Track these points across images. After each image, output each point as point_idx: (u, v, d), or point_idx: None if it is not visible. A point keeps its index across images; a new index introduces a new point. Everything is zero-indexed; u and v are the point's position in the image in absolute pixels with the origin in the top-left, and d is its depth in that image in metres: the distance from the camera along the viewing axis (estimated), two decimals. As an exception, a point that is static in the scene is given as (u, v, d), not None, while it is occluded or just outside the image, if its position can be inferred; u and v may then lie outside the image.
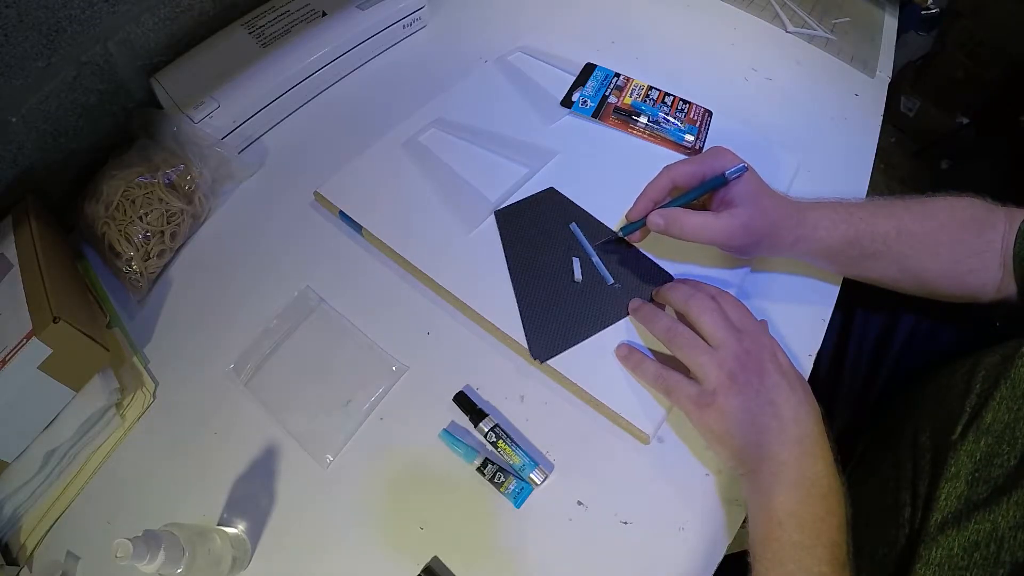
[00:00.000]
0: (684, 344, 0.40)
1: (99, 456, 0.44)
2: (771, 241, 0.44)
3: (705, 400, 0.38)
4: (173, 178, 0.52)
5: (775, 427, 0.36)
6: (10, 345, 0.40)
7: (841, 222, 0.44)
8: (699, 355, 0.39)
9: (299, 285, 0.51)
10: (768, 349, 0.39)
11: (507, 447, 0.42)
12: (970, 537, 0.32)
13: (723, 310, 0.41)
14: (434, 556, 0.39)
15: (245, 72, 0.59)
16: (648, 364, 0.42)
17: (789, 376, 0.38)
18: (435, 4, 0.72)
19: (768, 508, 0.35)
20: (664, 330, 0.42)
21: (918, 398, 0.45)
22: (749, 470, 0.37)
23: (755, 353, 0.38)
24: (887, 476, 0.41)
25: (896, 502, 0.38)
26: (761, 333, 0.40)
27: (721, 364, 0.38)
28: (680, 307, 0.42)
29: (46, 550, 0.41)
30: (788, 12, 0.76)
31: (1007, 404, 0.36)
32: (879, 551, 0.38)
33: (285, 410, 0.45)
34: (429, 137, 0.59)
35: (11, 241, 0.47)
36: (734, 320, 0.41)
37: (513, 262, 0.50)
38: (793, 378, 0.39)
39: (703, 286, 0.44)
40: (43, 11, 0.47)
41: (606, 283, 0.49)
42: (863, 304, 0.59)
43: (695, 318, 0.41)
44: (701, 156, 0.45)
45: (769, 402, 0.37)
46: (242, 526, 0.41)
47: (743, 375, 0.37)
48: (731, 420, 0.37)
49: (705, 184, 0.44)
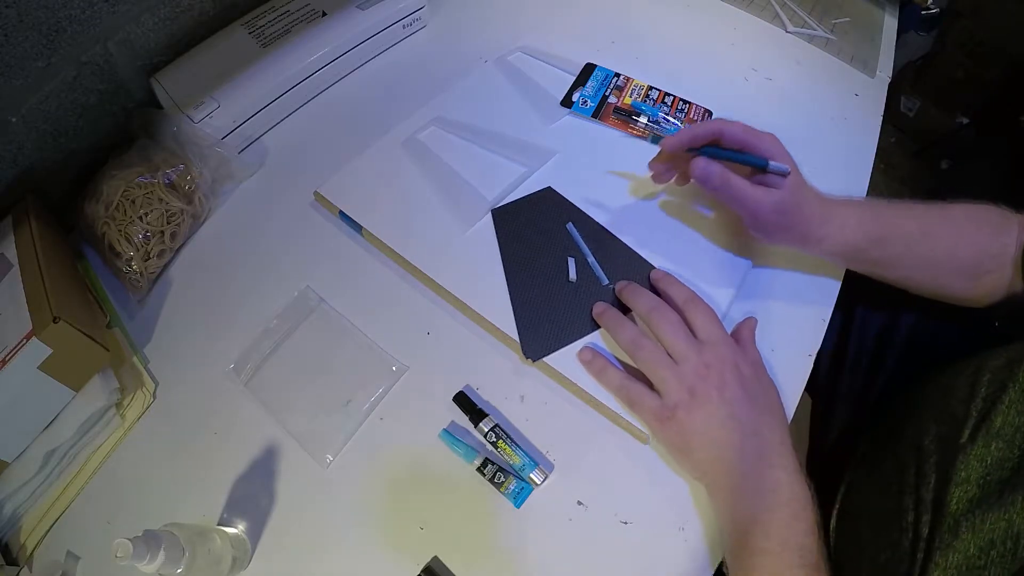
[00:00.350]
0: (647, 358, 0.41)
1: (99, 456, 0.44)
2: (798, 232, 0.45)
3: (665, 414, 0.39)
4: (173, 178, 0.52)
5: (734, 441, 0.37)
6: (10, 345, 0.40)
7: (868, 221, 0.45)
8: (660, 369, 0.40)
9: (299, 285, 0.51)
10: (730, 361, 0.40)
11: (507, 447, 0.42)
12: (986, 537, 0.32)
13: (685, 322, 0.42)
14: (434, 556, 0.39)
15: (245, 72, 0.59)
16: (612, 372, 0.42)
17: (751, 388, 0.39)
18: (435, 4, 0.72)
19: (733, 519, 0.36)
20: (628, 341, 0.42)
21: (919, 399, 0.45)
22: (711, 482, 0.38)
23: (716, 366, 0.39)
24: (889, 480, 0.41)
25: (899, 506, 0.38)
26: (723, 344, 0.40)
27: (681, 379, 0.39)
28: (643, 317, 0.43)
29: (46, 550, 0.41)
30: (788, 12, 0.76)
31: (1016, 408, 0.36)
32: (881, 556, 0.38)
33: (285, 410, 0.45)
34: (428, 135, 0.59)
35: (11, 241, 0.47)
36: (698, 331, 0.41)
37: (508, 260, 0.50)
38: (756, 389, 0.39)
39: (676, 291, 0.44)
40: (43, 11, 0.47)
41: (601, 284, 0.49)
42: (864, 303, 0.59)
43: (656, 330, 0.41)
44: (758, 132, 0.45)
45: (729, 416, 0.37)
46: (242, 526, 0.41)
47: (703, 390, 0.38)
48: (691, 435, 0.38)
49: (746, 156, 0.44)
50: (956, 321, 0.56)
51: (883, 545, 0.38)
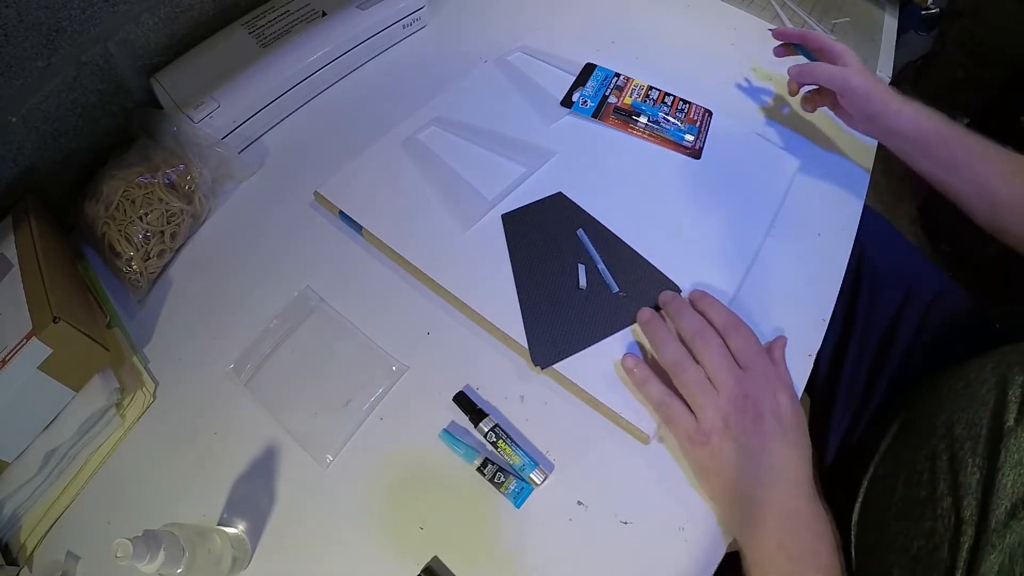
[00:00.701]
0: (688, 381, 0.41)
1: (99, 456, 0.44)
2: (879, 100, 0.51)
3: (699, 439, 0.39)
4: (173, 178, 0.52)
5: (761, 471, 0.37)
6: (10, 345, 0.40)
7: (936, 118, 0.50)
8: (700, 395, 0.40)
9: (299, 285, 0.51)
10: (770, 390, 0.40)
11: (507, 447, 0.42)
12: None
13: (728, 347, 0.41)
14: (434, 556, 0.39)
15: (245, 72, 0.59)
16: (653, 386, 0.42)
17: (785, 419, 0.39)
18: (435, 4, 0.72)
19: (757, 546, 0.36)
20: (672, 361, 0.42)
21: (940, 392, 0.45)
22: (733, 509, 0.38)
23: (754, 396, 0.39)
24: (920, 468, 0.41)
25: (932, 494, 0.39)
26: (763, 372, 0.40)
27: (719, 408, 0.39)
28: (687, 338, 0.43)
29: (46, 550, 0.41)
30: (788, 12, 0.76)
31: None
32: (913, 545, 0.38)
33: (285, 410, 0.45)
34: (428, 135, 0.59)
35: (11, 241, 0.47)
36: (739, 356, 0.41)
37: (518, 266, 0.50)
38: (789, 420, 0.39)
39: (716, 313, 0.44)
40: (43, 11, 0.47)
41: (611, 291, 0.48)
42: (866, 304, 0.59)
43: (699, 353, 0.41)
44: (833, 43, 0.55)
45: (761, 448, 0.38)
46: (242, 526, 0.41)
47: (739, 420, 0.38)
48: (721, 462, 0.38)
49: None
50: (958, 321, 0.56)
51: (915, 534, 0.38)
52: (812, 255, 0.53)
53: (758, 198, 0.56)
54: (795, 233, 0.54)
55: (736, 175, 0.57)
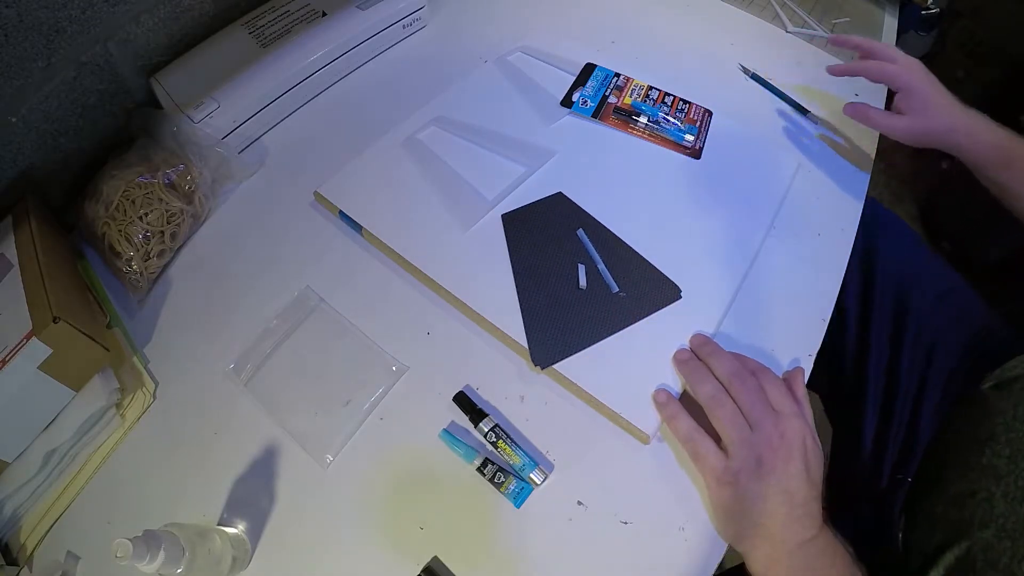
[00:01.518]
0: (724, 416, 0.40)
1: (99, 456, 0.44)
2: (944, 138, 0.51)
3: (727, 478, 0.39)
4: (173, 178, 0.52)
5: (782, 512, 0.37)
6: (10, 345, 0.40)
7: (999, 131, 0.51)
8: (735, 432, 0.40)
9: (299, 285, 0.51)
10: (800, 435, 0.39)
11: (507, 447, 0.42)
12: None
13: (764, 388, 0.41)
14: (434, 556, 0.39)
15: (245, 72, 0.59)
16: (683, 421, 0.42)
17: (811, 462, 0.39)
18: (435, 4, 0.72)
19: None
20: (709, 397, 0.42)
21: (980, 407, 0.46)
22: (753, 550, 0.38)
23: (788, 438, 0.39)
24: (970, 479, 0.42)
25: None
26: (797, 417, 0.40)
27: (752, 447, 0.39)
28: (723, 378, 0.42)
29: (46, 550, 0.41)
30: (788, 12, 0.76)
31: None
32: None
33: (285, 410, 0.45)
34: (428, 135, 0.59)
35: (11, 241, 0.47)
36: (774, 401, 0.41)
37: (518, 266, 0.50)
38: (813, 463, 0.39)
39: (746, 360, 0.44)
40: (43, 11, 0.47)
41: (611, 291, 0.48)
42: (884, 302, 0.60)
43: (736, 394, 0.41)
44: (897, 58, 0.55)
45: (784, 490, 0.37)
46: (242, 526, 0.41)
47: (770, 461, 0.38)
48: (745, 502, 0.38)
49: None
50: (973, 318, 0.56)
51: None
52: (812, 255, 0.53)
53: (758, 198, 0.56)
54: (795, 233, 0.54)
55: (736, 175, 0.57)
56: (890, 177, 1.62)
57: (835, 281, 0.52)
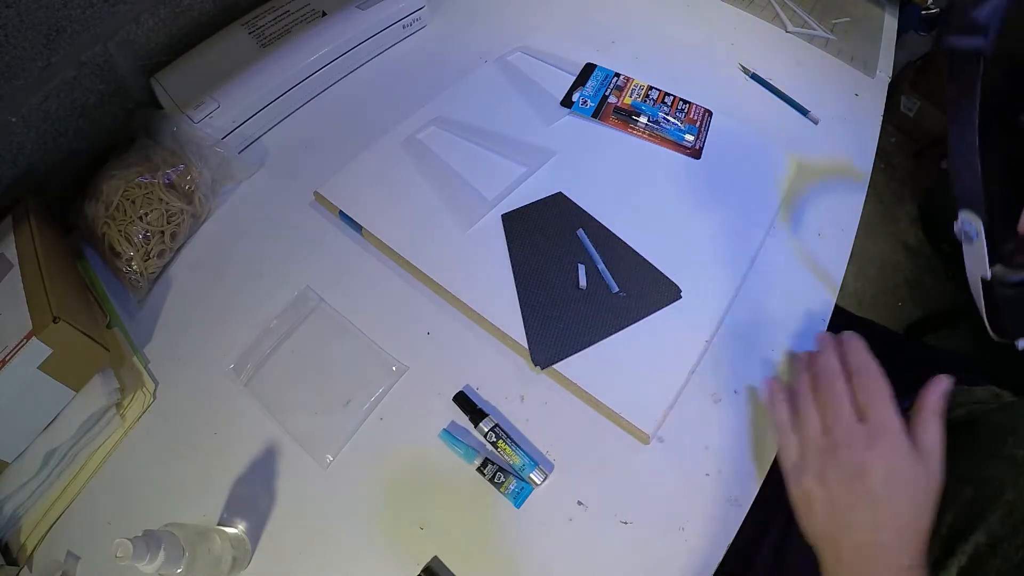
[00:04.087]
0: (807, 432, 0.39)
1: (99, 456, 0.44)
2: None
3: (794, 476, 0.39)
4: (173, 178, 0.52)
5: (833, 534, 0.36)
6: (10, 345, 0.40)
7: None
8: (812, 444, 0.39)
9: (299, 285, 0.51)
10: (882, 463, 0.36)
11: (507, 447, 0.42)
12: None
13: (853, 394, 0.39)
14: (434, 556, 0.39)
15: (245, 72, 0.59)
16: (782, 408, 0.42)
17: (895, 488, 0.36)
18: (435, 4, 0.73)
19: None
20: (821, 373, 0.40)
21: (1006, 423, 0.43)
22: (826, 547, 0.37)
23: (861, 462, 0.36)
24: None
25: None
26: (886, 436, 0.37)
27: (822, 471, 0.37)
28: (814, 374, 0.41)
29: (46, 550, 0.41)
30: (788, 12, 0.76)
31: None
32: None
33: (285, 410, 0.45)
34: (428, 135, 0.59)
35: (11, 241, 0.47)
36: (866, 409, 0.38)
37: (518, 266, 0.50)
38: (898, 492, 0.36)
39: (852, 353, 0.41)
40: (43, 11, 0.47)
41: (611, 291, 0.48)
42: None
43: (820, 398, 0.40)
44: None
45: (844, 510, 0.36)
46: (242, 526, 0.41)
47: (835, 479, 0.37)
48: (808, 504, 0.37)
49: None
50: None
51: None
52: (812, 255, 0.53)
53: (758, 198, 0.56)
54: (795, 233, 0.54)
55: (736, 175, 0.57)
56: (890, 177, 1.62)
57: (835, 281, 0.52)
